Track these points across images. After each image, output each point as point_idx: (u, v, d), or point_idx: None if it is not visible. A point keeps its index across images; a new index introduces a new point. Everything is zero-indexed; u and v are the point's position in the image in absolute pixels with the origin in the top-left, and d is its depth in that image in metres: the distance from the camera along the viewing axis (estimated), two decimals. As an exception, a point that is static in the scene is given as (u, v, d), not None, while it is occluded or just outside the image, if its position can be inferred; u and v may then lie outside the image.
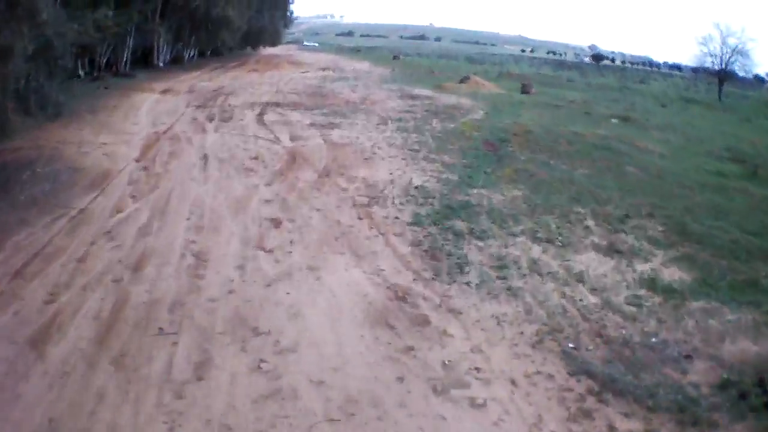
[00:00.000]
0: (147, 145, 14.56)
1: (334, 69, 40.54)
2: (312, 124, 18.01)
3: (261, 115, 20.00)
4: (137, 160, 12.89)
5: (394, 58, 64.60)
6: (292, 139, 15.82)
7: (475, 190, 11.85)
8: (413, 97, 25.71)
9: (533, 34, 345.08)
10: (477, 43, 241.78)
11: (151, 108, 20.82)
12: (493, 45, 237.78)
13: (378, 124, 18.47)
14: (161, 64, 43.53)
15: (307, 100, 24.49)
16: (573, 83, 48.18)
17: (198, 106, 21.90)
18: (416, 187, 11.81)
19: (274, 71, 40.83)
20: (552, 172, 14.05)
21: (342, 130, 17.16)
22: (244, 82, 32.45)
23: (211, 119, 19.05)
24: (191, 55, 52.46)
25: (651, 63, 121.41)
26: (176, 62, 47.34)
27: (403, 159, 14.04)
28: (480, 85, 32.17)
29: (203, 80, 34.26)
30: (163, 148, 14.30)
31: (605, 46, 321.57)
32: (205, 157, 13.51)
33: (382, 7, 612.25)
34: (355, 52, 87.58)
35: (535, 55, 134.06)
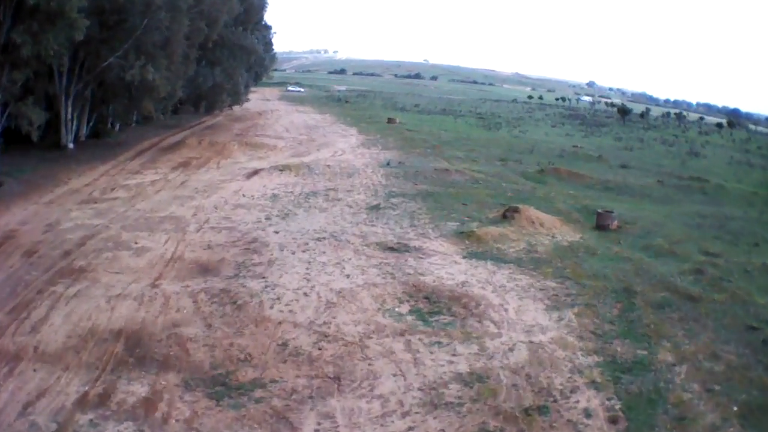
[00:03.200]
0: None
1: (298, 167, 27.11)
2: None
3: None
4: None
5: (389, 121, 51.70)
6: None
7: None
8: (433, 314, 12.22)
9: (529, 70, 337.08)
10: (474, 82, 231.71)
11: None
12: (490, 84, 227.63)
13: None
14: (70, 145, 30.81)
15: (204, 324, 11.23)
16: (633, 173, 35.14)
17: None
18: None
19: (211, 168, 27.62)
20: None
21: None
22: (145, 209, 19.37)
23: None
24: (133, 120, 39.39)
25: (670, 107, 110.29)
26: (98, 137, 34.68)
27: None
28: (535, 224, 18.99)
29: (92, 196, 21.16)
30: None
31: (602, 82, 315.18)
32: None
33: (376, 43, 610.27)
34: (343, 104, 75.01)
35: (543, 101, 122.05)
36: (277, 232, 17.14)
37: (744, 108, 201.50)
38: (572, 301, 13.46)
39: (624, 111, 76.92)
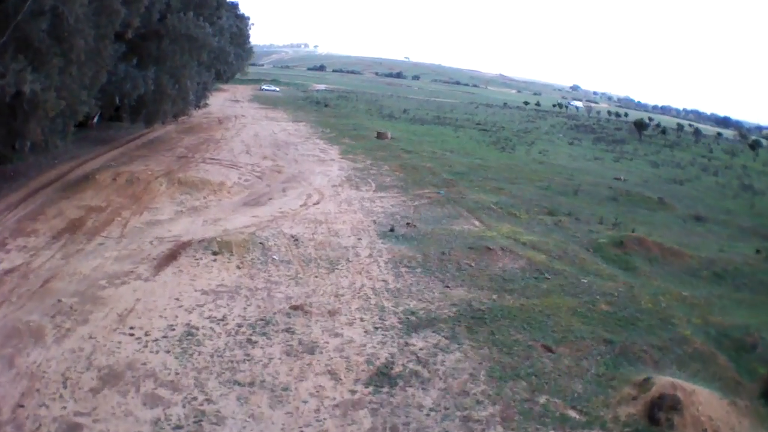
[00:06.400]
0: None
1: (246, 245, 16.73)
2: None
3: None
4: None
5: (379, 136, 41.70)
6: None
7: None
8: None
9: (512, 72, 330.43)
10: (458, 83, 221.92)
11: None
12: (475, 86, 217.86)
13: None
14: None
15: None
16: (716, 232, 25.69)
17: None
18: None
19: (111, 236, 17.28)
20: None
21: None
22: None
23: None
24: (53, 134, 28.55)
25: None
26: (-2, 161, 24.24)
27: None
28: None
29: None
30: None
31: (585, 85, 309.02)
32: None
33: (357, 39, 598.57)
34: (322, 108, 64.71)
35: (540, 107, 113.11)
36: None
37: (732, 116, 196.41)
38: None
39: (641, 125, 67.88)
